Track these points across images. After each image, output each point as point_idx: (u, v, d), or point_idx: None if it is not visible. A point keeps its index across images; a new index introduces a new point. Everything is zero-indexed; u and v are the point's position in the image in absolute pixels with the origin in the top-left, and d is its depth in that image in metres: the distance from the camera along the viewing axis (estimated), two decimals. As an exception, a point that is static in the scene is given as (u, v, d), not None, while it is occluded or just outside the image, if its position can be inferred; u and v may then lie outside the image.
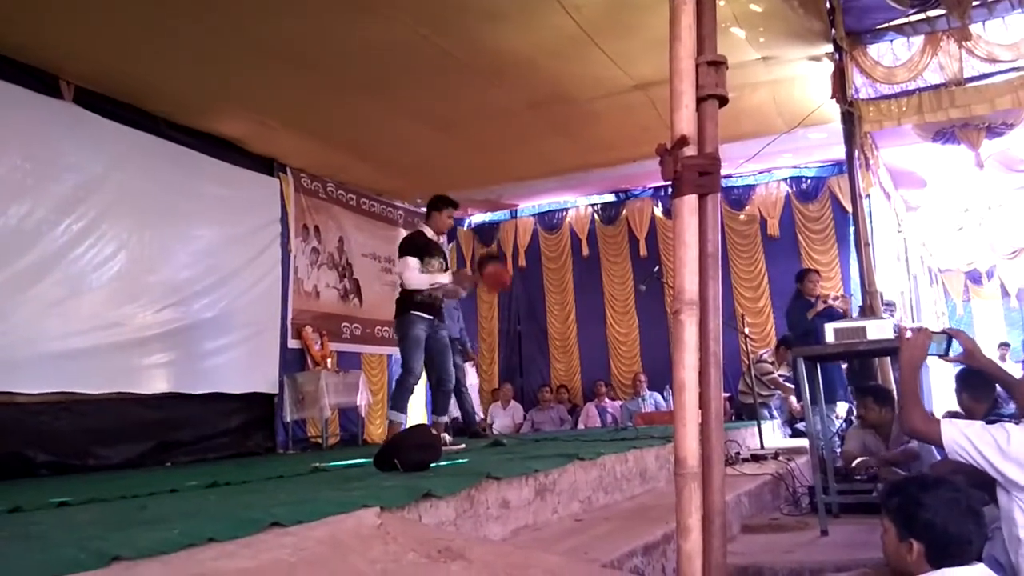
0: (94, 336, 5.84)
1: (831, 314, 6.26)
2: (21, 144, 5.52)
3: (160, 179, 6.57)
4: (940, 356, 2.88)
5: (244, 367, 7.16)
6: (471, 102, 6.88)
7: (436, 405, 5.46)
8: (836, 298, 6.48)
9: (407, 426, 4.94)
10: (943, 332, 2.86)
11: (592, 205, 10.70)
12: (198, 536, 1.75)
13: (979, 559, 1.84)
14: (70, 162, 5.84)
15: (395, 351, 9.37)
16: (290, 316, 7.92)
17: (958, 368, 3.43)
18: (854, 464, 4.55)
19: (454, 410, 7.29)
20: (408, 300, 5.21)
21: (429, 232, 5.37)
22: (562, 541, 2.77)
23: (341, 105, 6.76)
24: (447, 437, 5.44)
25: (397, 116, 7.07)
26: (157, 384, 6.37)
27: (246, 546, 1.74)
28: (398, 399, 5.16)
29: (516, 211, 11.04)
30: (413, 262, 5.15)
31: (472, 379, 9.11)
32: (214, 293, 6.95)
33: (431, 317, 5.23)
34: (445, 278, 5.26)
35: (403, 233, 9.91)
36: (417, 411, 9.73)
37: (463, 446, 5.26)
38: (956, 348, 2.79)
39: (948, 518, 1.79)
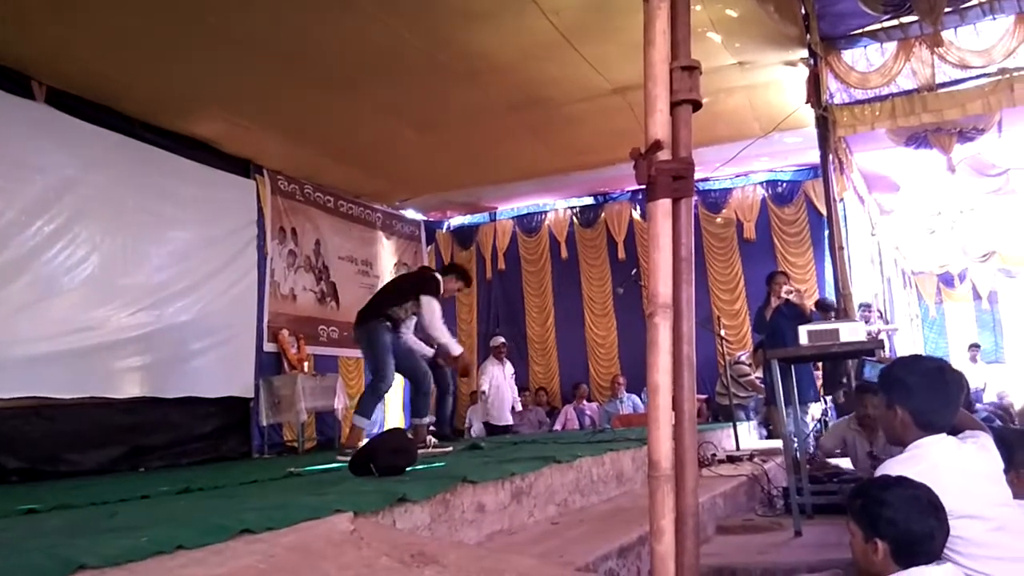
0: (66, 340, 5.76)
1: (793, 311, 6.32)
2: (-9, 145, 5.44)
3: (134, 181, 6.49)
4: None
5: (219, 371, 7.09)
6: (449, 104, 6.88)
7: (416, 407, 5.44)
8: (790, 292, 6.55)
9: (382, 430, 4.92)
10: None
11: (571, 208, 10.73)
12: (167, 543, 1.73)
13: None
14: (42, 163, 5.76)
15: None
16: (266, 319, 7.85)
17: None
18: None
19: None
20: (379, 310, 5.20)
21: (440, 287, 5.40)
22: (537, 544, 2.77)
23: (318, 106, 6.72)
24: (432, 440, 5.43)
25: (375, 117, 7.05)
26: (130, 388, 6.29)
27: (215, 553, 1.72)
28: (367, 405, 5.13)
29: (495, 214, 11.04)
30: (438, 307, 5.20)
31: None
32: (189, 296, 6.88)
33: (394, 330, 5.26)
34: (457, 348, 5.38)
35: (380, 236, 9.94)
36: (394, 415, 9.72)
37: (450, 448, 5.24)
38: None
39: (909, 515, 1.83)
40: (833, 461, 4.92)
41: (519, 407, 9.64)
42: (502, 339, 9.73)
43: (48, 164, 5.80)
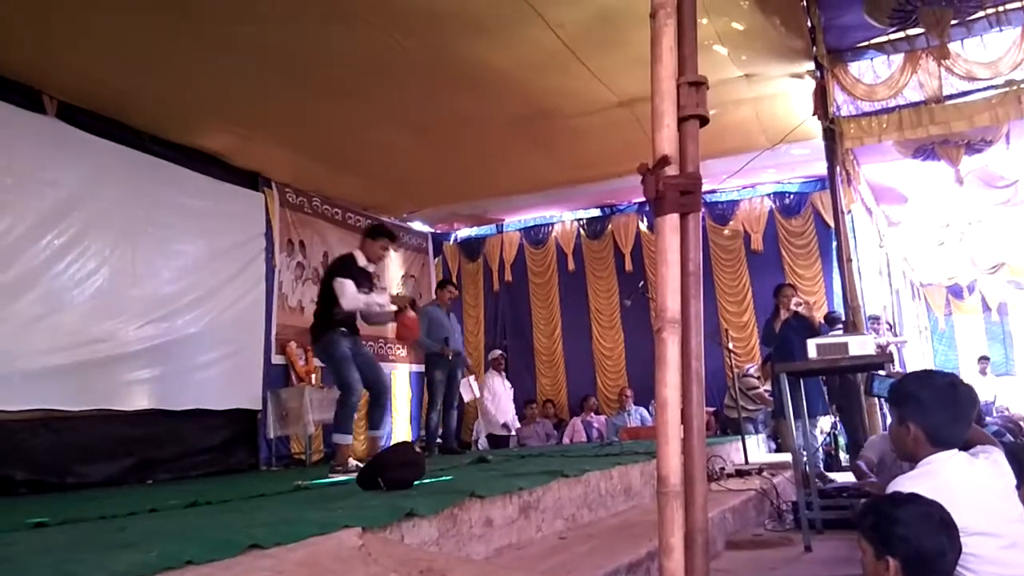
0: (75, 352, 5.78)
1: (802, 324, 6.30)
2: (2, 159, 5.47)
3: (143, 194, 6.53)
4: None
5: (227, 383, 7.10)
6: (456, 116, 6.90)
7: (372, 420, 5.38)
8: (799, 304, 6.53)
9: (389, 444, 4.90)
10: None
11: (578, 220, 10.73)
12: (176, 559, 1.73)
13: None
14: (52, 177, 5.80)
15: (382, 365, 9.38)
16: (274, 331, 7.87)
17: None
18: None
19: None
20: (327, 319, 5.15)
21: (361, 258, 5.34)
22: (545, 560, 2.75)
23: (326, 119, 6.76)
24: (353, 463, 5.26)
25: (382, 130, 7.08)
26: (139, 401, 6.30)
27: (224, 569, 1.72)
28: (342, 420, 5.05)
29: (502, 226, 11.06)
30: (350, 284, 5.10)
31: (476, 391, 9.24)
32: (197, 308, 6.89)
33: (352, 334, 5.19)
34: (383, 298, 5.21)
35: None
36: (402, 427, 9.71)
37: (355, 471, 5.11)
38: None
39: (921, 532, 1.81)
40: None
41: (517, 423, 9.62)
42: (500, 351, 9.79)
43: (58, 178, 5.84)
